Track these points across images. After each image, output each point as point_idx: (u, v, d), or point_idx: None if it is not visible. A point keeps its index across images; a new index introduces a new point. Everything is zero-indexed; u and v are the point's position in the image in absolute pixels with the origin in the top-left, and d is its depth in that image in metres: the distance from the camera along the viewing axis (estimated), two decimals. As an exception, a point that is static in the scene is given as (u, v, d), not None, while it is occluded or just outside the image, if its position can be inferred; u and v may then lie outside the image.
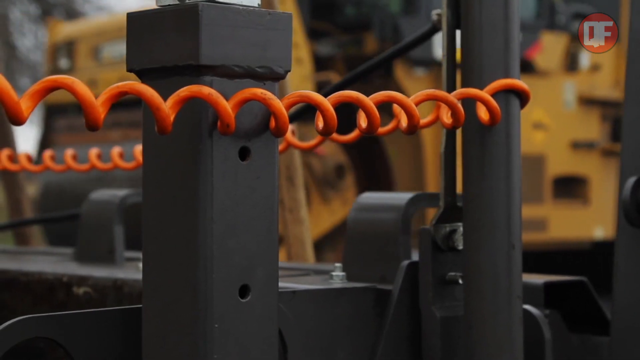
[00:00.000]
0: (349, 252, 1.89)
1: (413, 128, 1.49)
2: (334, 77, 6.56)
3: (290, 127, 2.11)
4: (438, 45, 5.58)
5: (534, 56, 6.93)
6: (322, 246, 6.24)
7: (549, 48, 6.98)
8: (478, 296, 1.64)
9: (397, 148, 6.82)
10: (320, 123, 1.37)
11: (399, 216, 1.86)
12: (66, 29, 7.56)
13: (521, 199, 1.67)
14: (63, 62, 7.20)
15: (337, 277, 1.78)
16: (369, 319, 1.69)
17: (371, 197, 2.00)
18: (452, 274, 1.73)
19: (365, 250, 1.88)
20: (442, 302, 1.72)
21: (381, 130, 1.68)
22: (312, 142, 1.99)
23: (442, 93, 1.57)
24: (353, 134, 1.87)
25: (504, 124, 1.64)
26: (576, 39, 7.18)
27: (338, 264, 1.82)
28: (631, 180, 1.88)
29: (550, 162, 7.16)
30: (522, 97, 1.66)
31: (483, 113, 1.63)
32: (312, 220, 6.53)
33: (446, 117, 1.63)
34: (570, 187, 7.31)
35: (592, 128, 7.31)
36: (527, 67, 6.54)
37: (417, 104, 1.51)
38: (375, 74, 6.90)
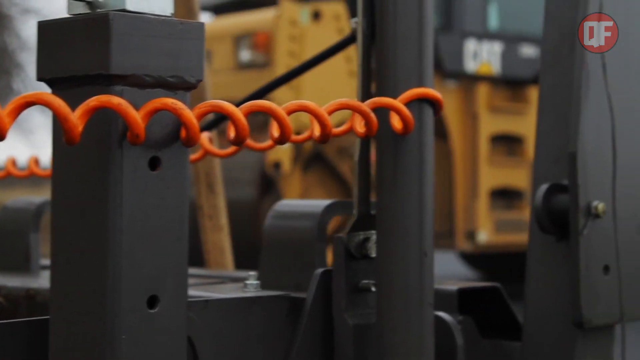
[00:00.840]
0: (265, 260, 1.90)
1: (325, 137, 1.50)
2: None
3: (208, 134, 2.11)
4: (469, 58, 5.58)
5: None
6: None
7: None
8: (390, 304, 1.65)
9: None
10: (232, 132, 1.37)
11: (314, 224, 1.87)
12: None
13: (433, 207, 1.69)
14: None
15: (251, 285, 1.79)
16: (282, 328, 1.70)
17: (288, 204, 2.01)
18: (365, 281, 1.74)
19: (281, 258, 1.88)
20: (355, 310, 1.73)
21: (295, 138, 1.69)
22: (228, 150, 1.99)
23: (355, 102, 1.58)
24: (267, 143, 1.88)
25: (417, 133, 1.66)
26: None
27: (252, 273, 1.83)
28: (543, 188, 1.91)
29: None
30: (436, 106, 1.68)
31: (396, 122, 1.64)
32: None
33: (359, 126, 1.64)
34: None
35: None
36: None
37: (330, 113, 1.52)
38: None
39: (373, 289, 1.72)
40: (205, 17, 8.58)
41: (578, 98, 1.87)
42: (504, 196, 7.33)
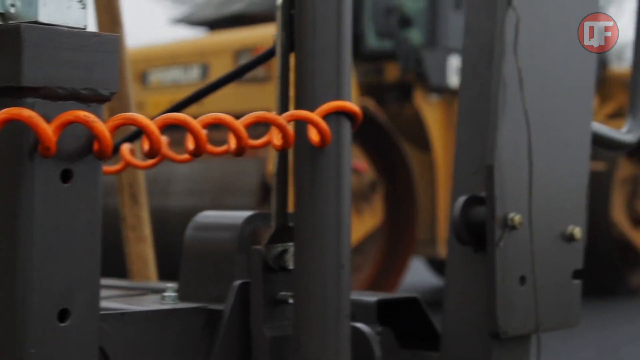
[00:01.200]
0: (185, 271, 1.89)
1: (241, 150, 1.51)
2: (369, 103, 6.97)
3: (129, 146, 2.10)
4: (452, 73, 5.73)
5: None
6: (355, 252, 6.63)
7: None
8: (307, 315, 1.66)
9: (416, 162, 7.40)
10: (146, 145, 1.37)
11: (235, 235, 1.87)
12: None
13: (350, 219, 1.70)
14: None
15: (169, 297, 1.78)
16: (199, 340, 1.70)
17: (209, 215, 2.01)
18: (283, 293, 1.75)
19: (202, 269, 1.88)
20: (273, 322, 1.73)
21: (212, 150, 1.69)
22: (148, 162, 1.98)
23: (272, 115, 1.59)
24: (184, 156, 1.87)
25: (334, 146, 1.67)
26: None
27: (171, 284, 1.83)
28: (461, 200, 1.94)
29: None
30: (353, 119, 1.70)
31: (314, 135, 1.65)
32: None
33: (276, 139, 1.65)
34: None
35: None
36: None
37: (246, 127, 1.52)
38: (392, 99, 7.32)
39: (291, 301, 1.73)
40: (199, 33, 8.58)
41: (495, 112, 1.90)
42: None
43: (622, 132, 2.22)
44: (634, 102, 2.23)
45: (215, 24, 7.84)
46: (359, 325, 1.84)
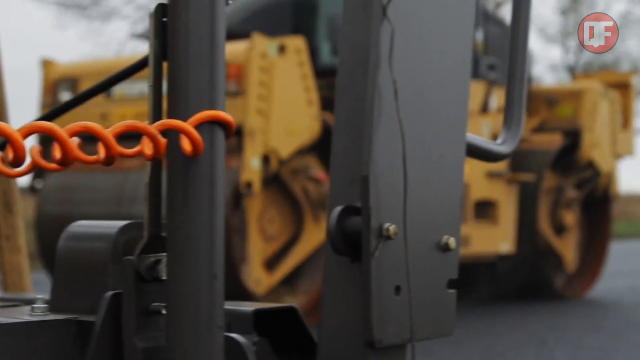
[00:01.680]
0: (57, 282, 1.86)
1: (110, 159, 1.49)
2: (328, 117, 7.24)
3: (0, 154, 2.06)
4: None
5: None
6: (316, 259, 7.27)
7: (474, 93, 8.29)
8: (179, 327, 1.65)
9: None
10: (10, 154, 1.35)
11: (109, 245, 1.85)
12: (64, 68, 7.97)
13: (224, 229, 1.69)
14: (65, 96, 7.60)
15: (39, 309, 1.75)
16: (70, 352, 1.67)
17: (82, 225, 1.98)
18: (156, 304, 1.73)
19: (74, 280, 1.86)
20: (145, 333, 1.72)
21: (82, 158, 1.67)
22: (18, 171, 1.94)
23: (142, 124, 1.57)
24: (54, 165, 1.84)
25: (207, 155, 1.67)
26: (491, 84, 8.49)
27: (41, 296, 1.79)
28: (337, 209, 1.94)
29: (472, 189, 8.59)
30: (227, 129, 1.69)
31: (186, 144, 1.64)
32: (306, 237, 7.32)
33: (148, 148, 1.63)
34: (485, 210, 8.73)
35: None
36: None
37: (115, 136, 1.51)
38: None
39: (164, 311, 1.72)
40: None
41: (370, 123, 1.91)
42: None
43: (497, 144, 2.25)
44: (508, 114, 2.27)
45: None
46: (234, 335, 1.83)
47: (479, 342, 6.60)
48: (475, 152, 2.20)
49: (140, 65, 1.86)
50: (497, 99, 8.65)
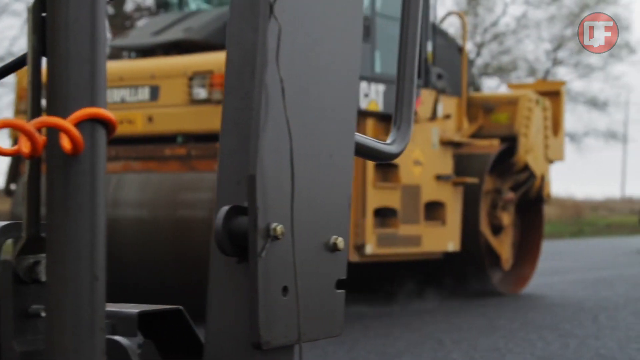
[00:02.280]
0: None
1: (-15, 157, 1.45)
2: None
3: None
4: (362, 97, 6.42)
5: (417, 107, 8.77)
6: None
7: (425, 101, 8.93)
8: (59, 329, 1.61)
9: None
10: None
11: (-12, 246, 1.79)
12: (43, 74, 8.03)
13: (105, 229, 1.65)
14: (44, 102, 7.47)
15: None
16: (-57, 356, 1.61)
17: (-39, 226, 1.92)
18: (35, 306, 1.69)
19: (-49, 282, 1.80)
20: (24, 336, 1.67)
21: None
22: None
23: (19, 121, 1.53)
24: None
25: (88, 154, 1.63)
26: (439, 92, 9.09)
27: None
28: (223, 210, 1.92)
29: (423, 191, 9.12)
30: (109, 127, 1.65)
31: (66, 142, 1.60)
32: None
33: (25, 146, 1.59)
34: (434, 211, 9.26)
35: (448, 164, 9.41)
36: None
37: (-9, 133, 1.46)
38: None
39: (43, 314, 1.67)
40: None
41: (257, 121, 1.89)
42: (382, 214, 8.63)
43: (386, 143, 2.25)
44: (398, 114, 2.27)
45: (150, 51, 8.18)
46: (118, 338, 1.80)
47: (375, 343, 6.63)
48: (365, 152, 2.19)
49: (19, 62, 1.81)
50: (444, 106, 9.23)
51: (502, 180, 10.10)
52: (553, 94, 10.66)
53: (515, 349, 6.39)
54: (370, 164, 8.47)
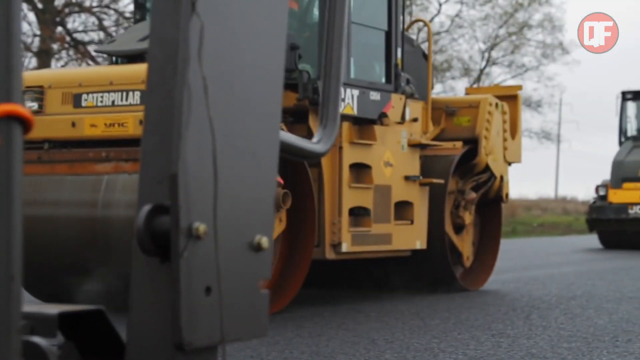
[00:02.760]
0: None
1: None
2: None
3: None
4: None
5: (388, 111, 9.15)
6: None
7: (395, 105, 9.32)
8: (-27, 331, 1.58)
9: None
10: None
11: None
12: (28, 77, 8.27)
13: (22, 228, 1.62)
14: (32, 105, 7.96)
15: None
16: None
17: None
18: (-51, 307, 1.65)
19: None
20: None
21: None
22: None
23: None
24: None
25: (4, 151, 1.60)
26: (408, 97, 9.48)
27: None
28: (145, 209, 1.90)
29: (393, 191, 9.46)
30: (25, 124, 1.62)
31: (-19, 140, 1.57)
32: None
33: (-62, 144, 1.55)
34: (403, 210, 9.60)
35: (416, 165, 9.80)
36: (383, 120, 9.13)
37: None
38: (287, 121, 8.35)
39: (-43, 315, 1.64)
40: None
41: (179, 120, 1.88)
42: (355, 214, 9.00)
43: (313, 142, 2.25)
44: (324, 114, 2.27)
45: (137, 57, 8.37)
46: (35, 339, 1.76)
47: (308, 343, 6.62)
48: (290, 150, 2.18)
49: None
50: (411, 109, 9.76)
51: (464, 181, 10.47)
52: (510, 98, 11.04)
53: (448, 349, 6.43)
54: (346, 165, 8.83)
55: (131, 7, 21.88)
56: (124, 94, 7.71)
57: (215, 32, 1.91)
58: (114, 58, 8.79)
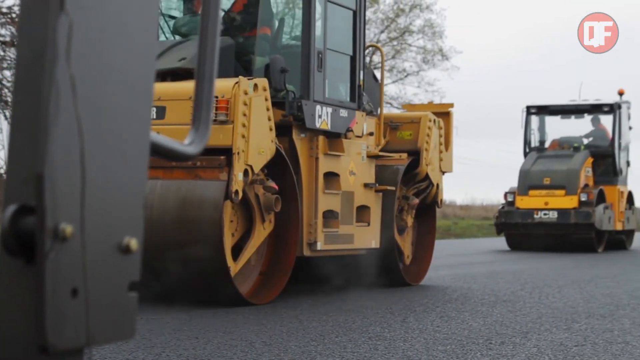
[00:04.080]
0: None
1: None
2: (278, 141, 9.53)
3: None
4: (317, 118, 8.73)
5: (353, 126, 10.67)
6: (259, 250, 9.57)
7: (359, 121, 10.87)
8: None
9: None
10: None
11: None
12: None
13: None
14: None
15: None
16: None
17: None
18: None
19: None
20: None
21: None
22: None
23: None
24: None
25: None
26: (367, 114, 11.10)
27: None
28: (10, 209, 1.86)
29: (355, 197, 10.88)
30: None
31: None
32: (256, 234, 9.24)
33: None
34: (362, 214, 11.05)
35: (372, 174, 11.26)
36: (348, 134, 10.64)
37: None
38: (278, 135, 9.57)
39: None
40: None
41: (46, 119, 1.84)
42: (326, 216, 10.33)
43: (184, 144, 2.23)
44: (196, 116, 2.25)
45: (169, 74, 9.55)
46: None
47: (186, 346, 6.59)
48: (161, 151, 2.16)
49: None
50: (367, 125, 11.18)
51: (407, 188, 11.96)
52: (443, 114, 12.66)
53: (325, 352, 6.47)
54: (321, 174, 10.26)
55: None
56: (160, 109, 8.95)
57: (85, 31, 1.88)
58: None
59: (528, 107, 23.95)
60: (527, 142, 24.04)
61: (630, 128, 24.35)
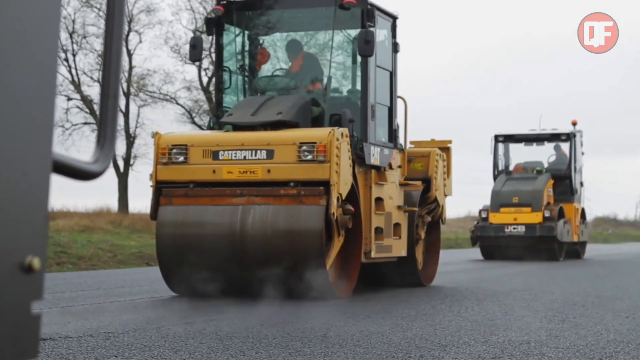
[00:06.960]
0: None
1: None
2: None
3: None
4: (371, 156, 13.51)
5: (392, 161, 13.84)
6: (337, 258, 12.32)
7: (395, 157, 14.07)
8: None
9: None
10: None
11: None
12: (175, 138, 12.36)
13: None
14: (179, 157, 12.16)
15: None
16: None
17: None
18: None
19: None
20: None
21: None
22: None
23: None
24: None
25: None
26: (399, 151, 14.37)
27: None
28: None
29: (393, 216, 13.86)
30: None
31: None
32: (335, 244, 11.92)
33: None
34: (396, 229, 14.01)
35: (402, 198, 14.30)
36: (388, 168, 13.72)
37: None
38: None
39: None
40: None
41: None
42: (377, 231, 13.23)
43: (88, 162, 2.22)
44: (101, 134, 2.24)
45: (250, 127, 12.20)
46: None
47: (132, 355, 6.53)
48: (65, 170, 2.15)
49: None
50: (398, 160, 14.14)
51: (420, 208, 14.79)
52: (444, 149, 15.76)
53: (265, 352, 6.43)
54: (373, 198, 12.98)
55: None
56: (253, 151, 11.73)
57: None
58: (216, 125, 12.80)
59: (496, 136, 28.00)
60: (495, 165, 28.06)
61: (582, 153, 28.29)
